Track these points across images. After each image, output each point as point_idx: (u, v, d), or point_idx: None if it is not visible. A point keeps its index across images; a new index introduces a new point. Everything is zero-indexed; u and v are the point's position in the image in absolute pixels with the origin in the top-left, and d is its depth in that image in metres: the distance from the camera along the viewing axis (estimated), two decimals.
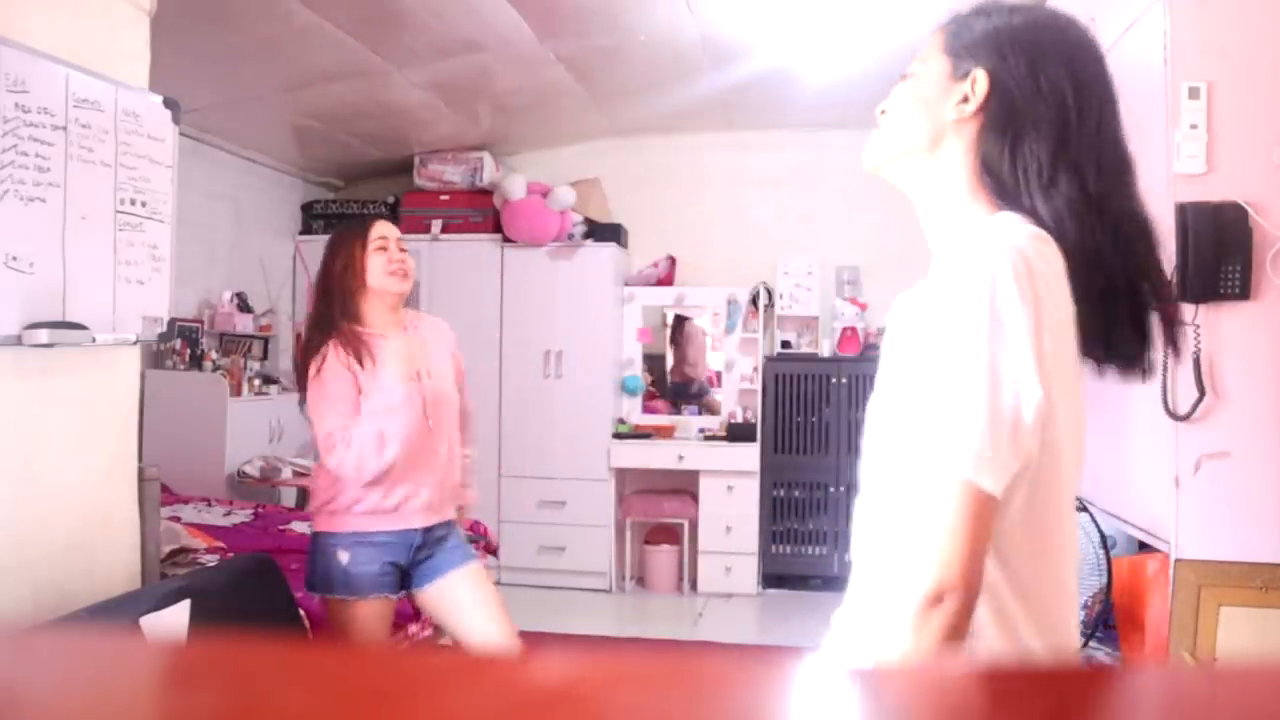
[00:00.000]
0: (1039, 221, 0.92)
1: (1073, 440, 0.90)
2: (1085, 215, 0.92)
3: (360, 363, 2.17)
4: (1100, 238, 0.92)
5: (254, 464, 4.11)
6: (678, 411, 5.19)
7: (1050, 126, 0.93)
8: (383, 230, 2.29)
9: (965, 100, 0.96)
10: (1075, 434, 0.91)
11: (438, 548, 2.30)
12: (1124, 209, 0.95)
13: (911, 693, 0.39)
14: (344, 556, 2.18)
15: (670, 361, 5.31)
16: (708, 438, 4.96)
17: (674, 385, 5.29)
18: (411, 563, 2.27)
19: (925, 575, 0.82)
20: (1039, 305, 0.83)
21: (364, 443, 2.10)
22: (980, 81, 0.95)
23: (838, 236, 5.05)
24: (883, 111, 1.05)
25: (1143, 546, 2.41)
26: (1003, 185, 0.95)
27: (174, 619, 2.15)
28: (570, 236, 5.00)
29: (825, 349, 4.90)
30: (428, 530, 2.26)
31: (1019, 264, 0.83)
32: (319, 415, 2.16)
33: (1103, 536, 2.48)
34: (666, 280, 5.22)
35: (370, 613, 2.22)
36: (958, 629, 0.82)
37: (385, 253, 2.25)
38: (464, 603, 2.29)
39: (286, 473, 4.16)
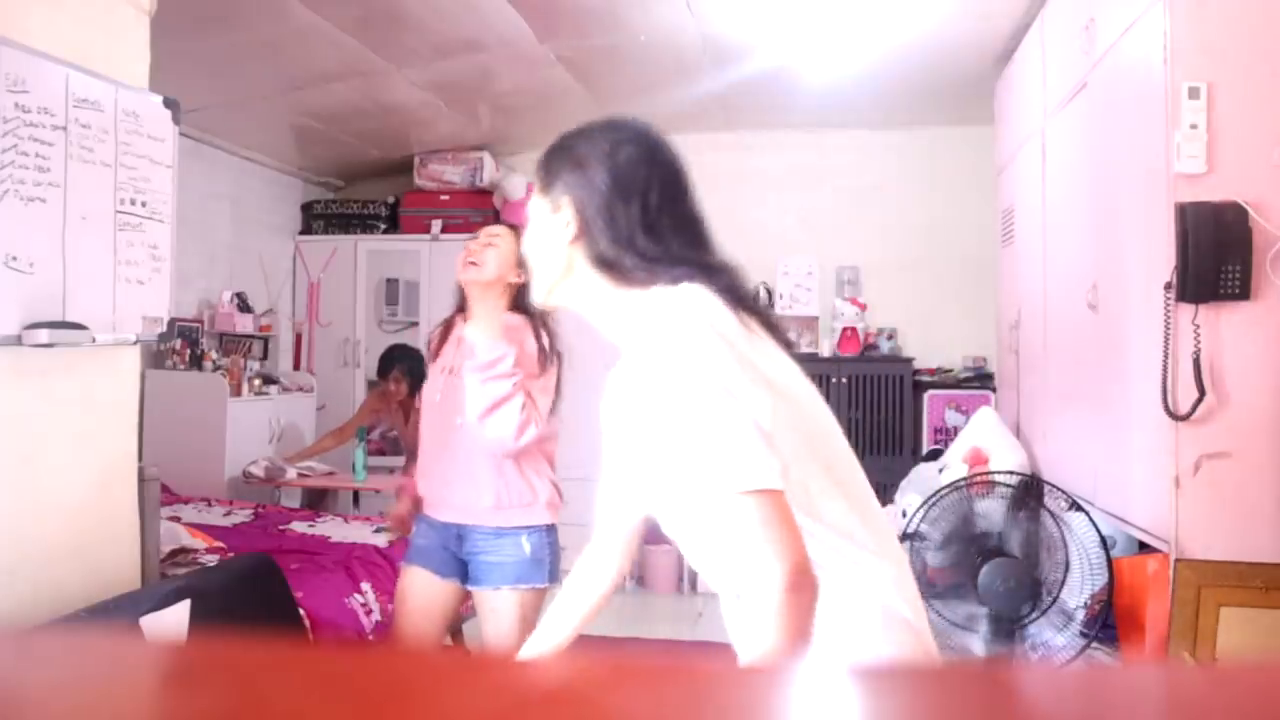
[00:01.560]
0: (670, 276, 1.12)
1: (820, 408, 1.14)
2: (662, 266, 1.12)
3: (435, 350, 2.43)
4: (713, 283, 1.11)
5: (259, 464, 4.10)
6: None
7: (609, 216, 1.15)
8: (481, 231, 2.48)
9: (568, 224, 1.16)
10: (816, 401, 1.15)
11: (481, 554, 2.31)
12: (711, 264, 1.16)
13: (910, 692, 0.39)
14: (416, 529, 2.40)
15: None
16: None
17: None
18: (464, 554, 2.33)
19: (773, 573, 0.94)
20: (728, 343, 1.03)
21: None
22: (566, 207, 1.16)
23: (838, 236, 5.06)
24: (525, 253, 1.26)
25: (1143, 546, 2.41)
26: (617, 271, 1.15)
27: (174, 619, 2.15)
28: None
29: (825, 349, 4.89)
30: (463, 527, 2.30)
31: (701, 324, 1.03)
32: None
33: (1102, 537, 2.48)
34: None
35: (412, 580, 2.33)
36: (813, 605, 0.96)
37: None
38: (482, 623, 2.36)
39: (291, 474, 4.15)
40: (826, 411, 1.16)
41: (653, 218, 1.15)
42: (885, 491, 3.97)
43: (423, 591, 2.32)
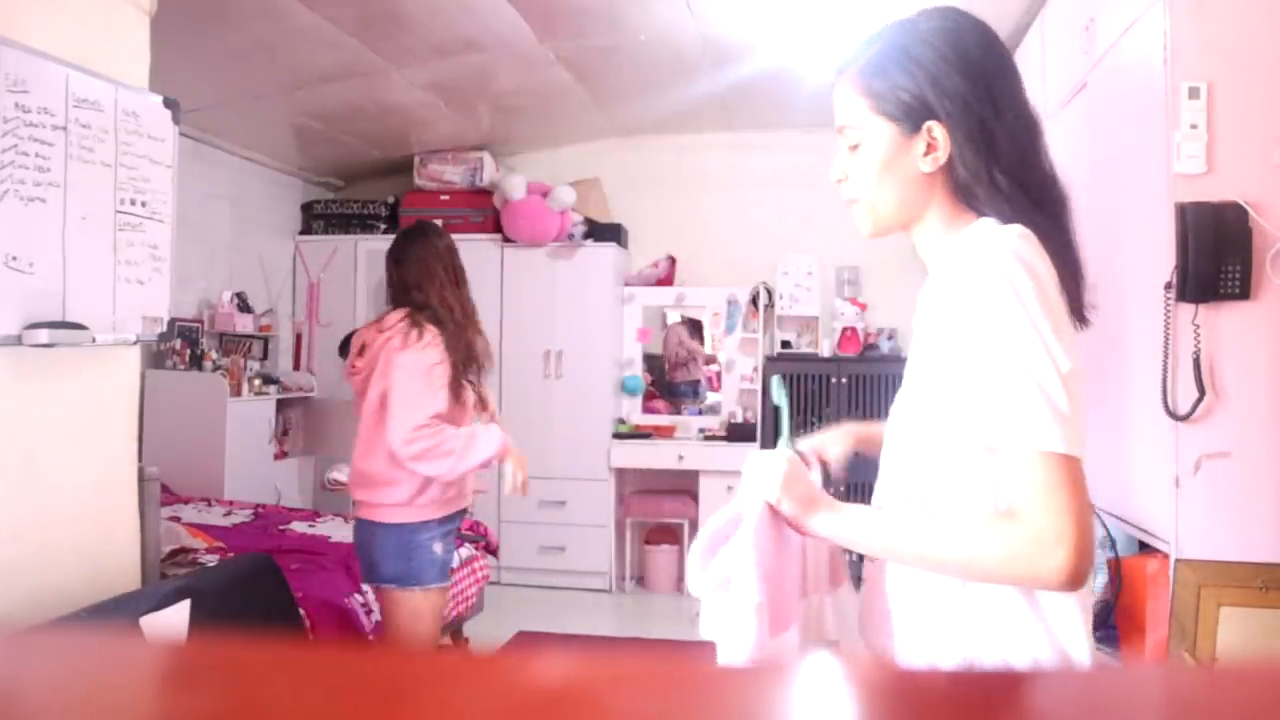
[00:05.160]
0: (1010, 219, 1.01)
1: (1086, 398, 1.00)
2: (1032, 211, 1.01)
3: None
4: (1040, 216, 1.01)
5: (345, 471, 3.98)
6: (678, 411, 5.20)
7: (982, 136, 1.01)
8: None
9: (930, 150, 1.03)
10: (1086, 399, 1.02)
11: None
12: (1045, 177, 1.04)
13: (909, 692, 0.39)
14: (439, 547, 2.34)
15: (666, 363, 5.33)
16: (708, 438, 4.96)
17: (669, 384, 5.30)
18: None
19: (1059, 557, 0.87)
20: (1042, 291, 0.92)
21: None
22: (937, 131, 1.02)
23: (838, 236, 5.05)
24: (840, 180, 1.11)
25: (1143, 546, 2.41)
26: (976, 200, 1.03)
27: (174, 619, 2.15)
28: (570, 236, 5.00)
29: (825, 349, 4.90)
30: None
31: (1021, 264, 0.93)
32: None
33: (1109, 536, 2.48)
34: (666, 280, 5.22)
35: (443, 598, 2.40)
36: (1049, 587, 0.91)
37: None
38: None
39: None
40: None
41: (1018, 134, 1.02)
42: None
43: (444, 606, 2.44)
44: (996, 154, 1.00)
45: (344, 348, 4.25)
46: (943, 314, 0.99)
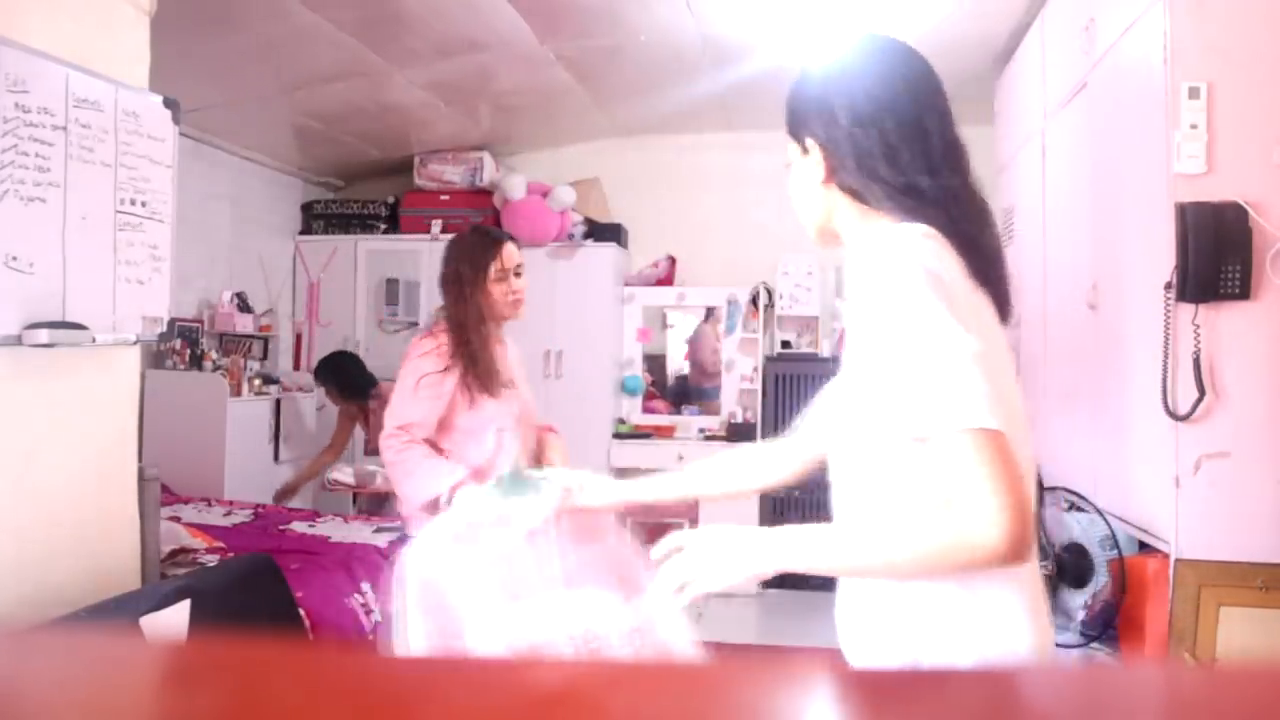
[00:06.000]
0: (915, 219, 1.07)
1: (1013, 386, 1.04)
2: (930, 210, 1.07)
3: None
4: (941, 216, 1.08)
5: (345, 471, 3.97)
6: (678, 411, 5.20)
7: (855, 147, 1.11)
8: (508, 258, 2.33)
9: (818, 165, 1.15)
10: (1012, 380, 1.06)
11: None
12: (946, 180, 1.10)
13: (910, 693, 0.38)
14: None
15: (687, 366, 5.32)
16: (708, 438, 4.96)
17: (687, 387, 5.29)
18: None
19: (999, 528, 0.89)
20: (939, 282, 0.97)
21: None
22: (814, 149, 1.14)
23: None
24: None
25: (1143, 546, 2.41)
26: (872, 203, 1.12)
27: (174, 619, 2.15)
28: (570, 236, 5.00)
29: (825, 349, 4.90)
30: None
31: (913, 258, 1.00)
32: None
33: (1104, 537, 2.48)
34: (666, 280, 5.22)
35: None
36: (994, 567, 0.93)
37: (506, 282, 2.33)
38: None
39: (379, 479, 4.07)
40: (1017, 389, 1.07)
41: (893, 143, 1.09)
42: None
43: None
44: (874, 162, 1.09)
45: (319, 373, 4.29)
46: (854, 316, 1.05)
